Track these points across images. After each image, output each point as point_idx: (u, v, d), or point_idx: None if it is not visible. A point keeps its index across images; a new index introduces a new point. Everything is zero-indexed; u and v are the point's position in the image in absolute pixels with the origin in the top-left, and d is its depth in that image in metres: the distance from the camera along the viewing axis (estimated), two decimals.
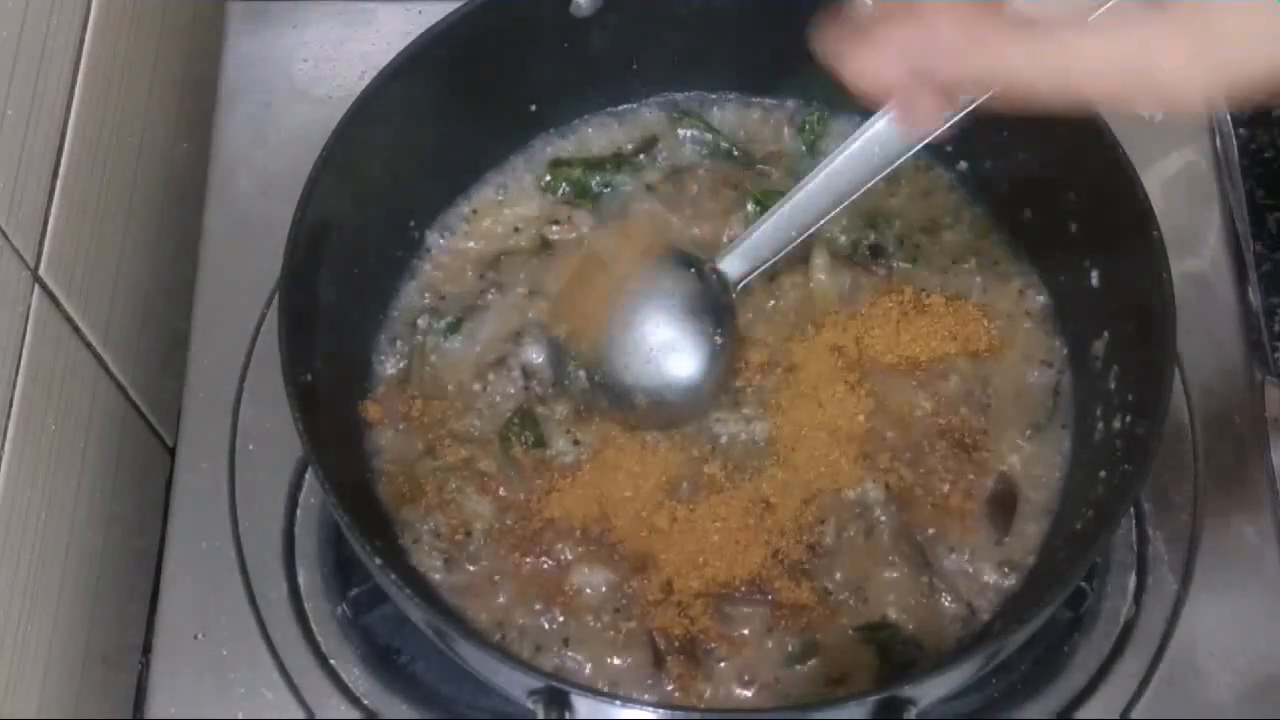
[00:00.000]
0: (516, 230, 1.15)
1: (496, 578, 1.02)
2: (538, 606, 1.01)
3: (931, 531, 1.03)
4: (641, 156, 1.17)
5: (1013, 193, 1.12)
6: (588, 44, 1.12)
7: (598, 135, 1.18)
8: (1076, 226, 1.07)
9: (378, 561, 0.91)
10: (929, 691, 0.90)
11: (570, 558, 1.01)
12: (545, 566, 1.01)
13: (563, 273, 1.11)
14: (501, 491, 1.04)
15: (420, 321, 1.10)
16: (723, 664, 0.99)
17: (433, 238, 1.14)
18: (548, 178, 1.16)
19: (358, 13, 1.26)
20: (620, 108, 1.19)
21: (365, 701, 1.03)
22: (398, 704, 1.03)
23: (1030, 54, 0.75)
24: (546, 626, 1.00)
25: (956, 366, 1.08)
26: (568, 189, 1.16)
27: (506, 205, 1.16)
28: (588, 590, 1.01)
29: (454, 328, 1.10)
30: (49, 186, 1.04)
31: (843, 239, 1.13)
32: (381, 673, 1.05)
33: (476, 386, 1.08)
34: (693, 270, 1.06)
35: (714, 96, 1.19)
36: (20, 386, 1.00)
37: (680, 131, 1.18)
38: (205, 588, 1.06)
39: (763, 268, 1.06)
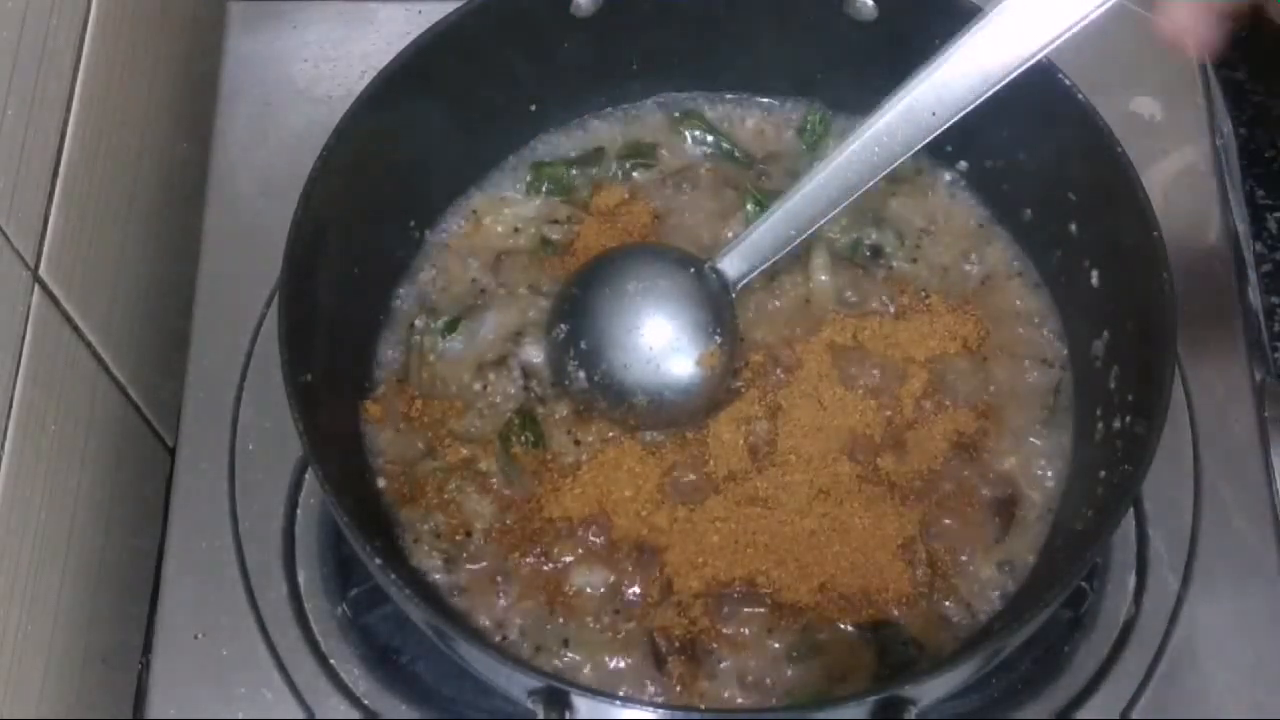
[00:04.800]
0: (516, 230, 1.15)
1: (497, 578, 1.02)
2: (538, 607, 1.01)
3: (932, 531, 1.03)
4: (642, 156, 1.17)
5: (1013, 193, 1.12)
6: (588, 44, 1.12)
7: (598, 135, 1.18)
8: (1076, 226, 1.07)
9: (378, 561, 0.91)
10: (929, 691, 0.90)
11: (570, 559, 1.01)
12: (546, 568, 1.01)
13: (563, 272, 1.11)
14: (502, 491, 1.04)
15: (418, 321, 1.10)
16: (723, 664, 0.99)
17: (433, 238, 1.14)
18: (528, 178, 1.16)
19: (358, 13, 1.26)
20: (620, 108, 1.19)
21: (365, 701, 1.03)
22: (398, 704, 1.04)
23: None
24: (547, 627, 1.00)
25: (956, 366, 1.08)
26: (550, 186, 1.16)
27: (506, 205, 1.16)
28: (588, 590, 1.01)
29: (451, 327, 1.10)
30: (49, 186, 1.04)
31: (843, 239, 1.13)
32: (381, 673, 1.05)
33: (477, 386, 1.08)
34: (692, 270, 1.06)
35: (714, 96, 1.19)
36: (20, 386, 1.00)
37: (681, 131, 1.18)
38: (205, 588, 1.06)
39: (763, 267, 1.06)
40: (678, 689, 0.98)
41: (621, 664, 0.99)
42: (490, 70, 1.10)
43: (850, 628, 1.00)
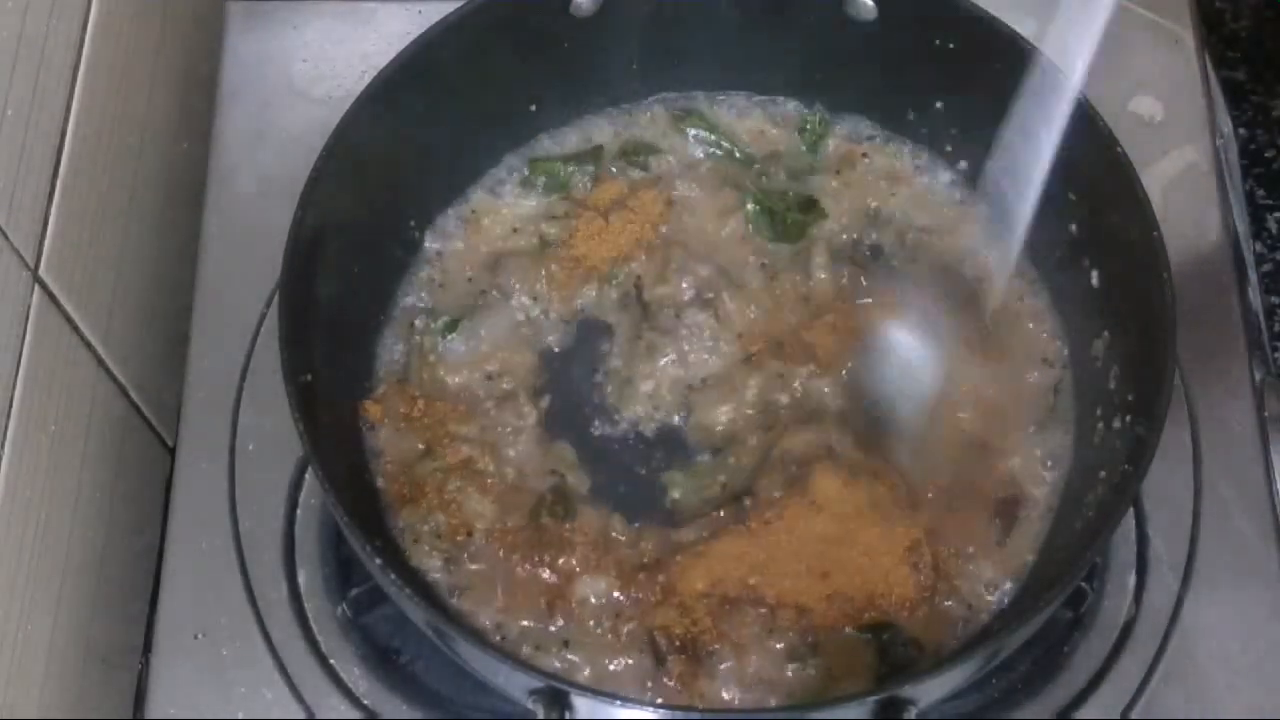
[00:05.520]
0: (515, 230, 1.15)
1: (497, 578, 1.02)
2: (538, 608, 1.00)
3: (932, 530, 1.03)
4: (641, 155, 1.17)
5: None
6: (588, 44, 1.12)
7: (597, 135, 1.18)
8: (1076, 226, 1.07)
9: (378, 561, 0.91)
10: (929, 691, 0.90)
11: (575, 565, 1.01)
12: (546, 576, 1.01)
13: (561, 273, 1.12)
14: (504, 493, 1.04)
15: (417, 321, 1.10)
16: (724, 664, 0.99)
17: (432, 238, 1.14)
18: (526, 172, 1.16)
19: (358, 13, 1.26)
20: (620, 107, 1.19)
21: (365, 701, 1.03)
22: (398, 704, 1.03)
23: None
24: (548, 629, 1.00)
25: (957, 366, 1.08)
26: (546, 181, 1.15)
27: (505, 205, 1.16)
28: (591, 600, 1.00)
29: (451, 327, 1.10)
30: (49, 186, 1.04)
31: (844, 238, 1.13)
32: (381, 673, 1.05)
33: (479, 384, 1.08)
34: None
35: (714, 96, 1.19)
36: (20, 386, 1.00)
37: (681, 130, 1.18)
38: (205, 588, 1.06)
39: None
40: (678, 687, 0.98)
41: (621, 664, 0.99)
42: (490, 70, 1.10)
43: (850, 627, 1.00)
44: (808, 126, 1.18)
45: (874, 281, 1.11)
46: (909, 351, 1.06)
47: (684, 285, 1.11)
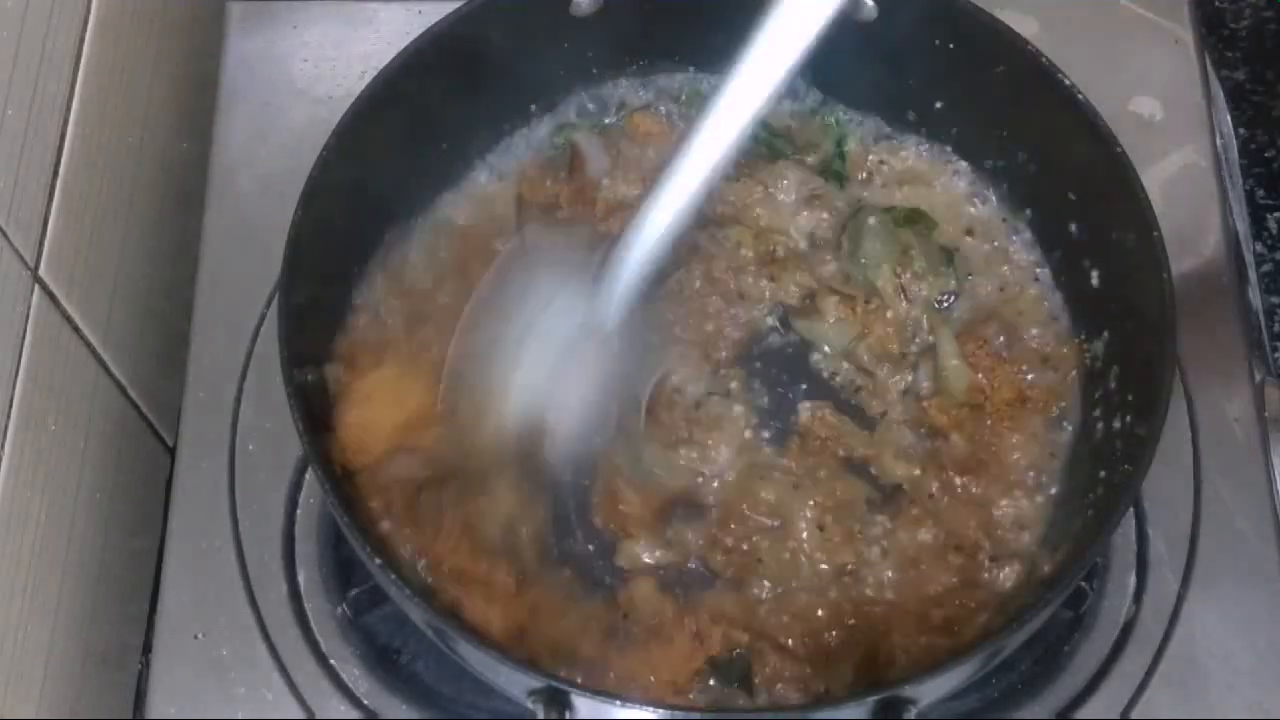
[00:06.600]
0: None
1: None
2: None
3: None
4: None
5: (1013, 193, 1.12)
6: (587, 44, 1.12)
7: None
8: (1076, 226, 1.07)
9: (378, 561, 0.91)
10: (929, 691, 0.90)
11: None
12: None
13: None
14: None
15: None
16: None
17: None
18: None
19: (358, 13, 1.26)
20: (623, 107, 1.19)
21: (365, 701, 1.03)
22: (398, 704, 1.03)
23: None
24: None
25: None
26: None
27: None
28: None
29: None
30: (49, 186, 1.04)
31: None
32: (381, 673, 1.05)
33: None
34: None
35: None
36: (20, 386, 1.00)
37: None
38: (205, 588, 1.06)
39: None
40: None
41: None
42: (490, 70, 1.10)
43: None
44: (832, 123, 1.17)
45: None
46: None
47: None
